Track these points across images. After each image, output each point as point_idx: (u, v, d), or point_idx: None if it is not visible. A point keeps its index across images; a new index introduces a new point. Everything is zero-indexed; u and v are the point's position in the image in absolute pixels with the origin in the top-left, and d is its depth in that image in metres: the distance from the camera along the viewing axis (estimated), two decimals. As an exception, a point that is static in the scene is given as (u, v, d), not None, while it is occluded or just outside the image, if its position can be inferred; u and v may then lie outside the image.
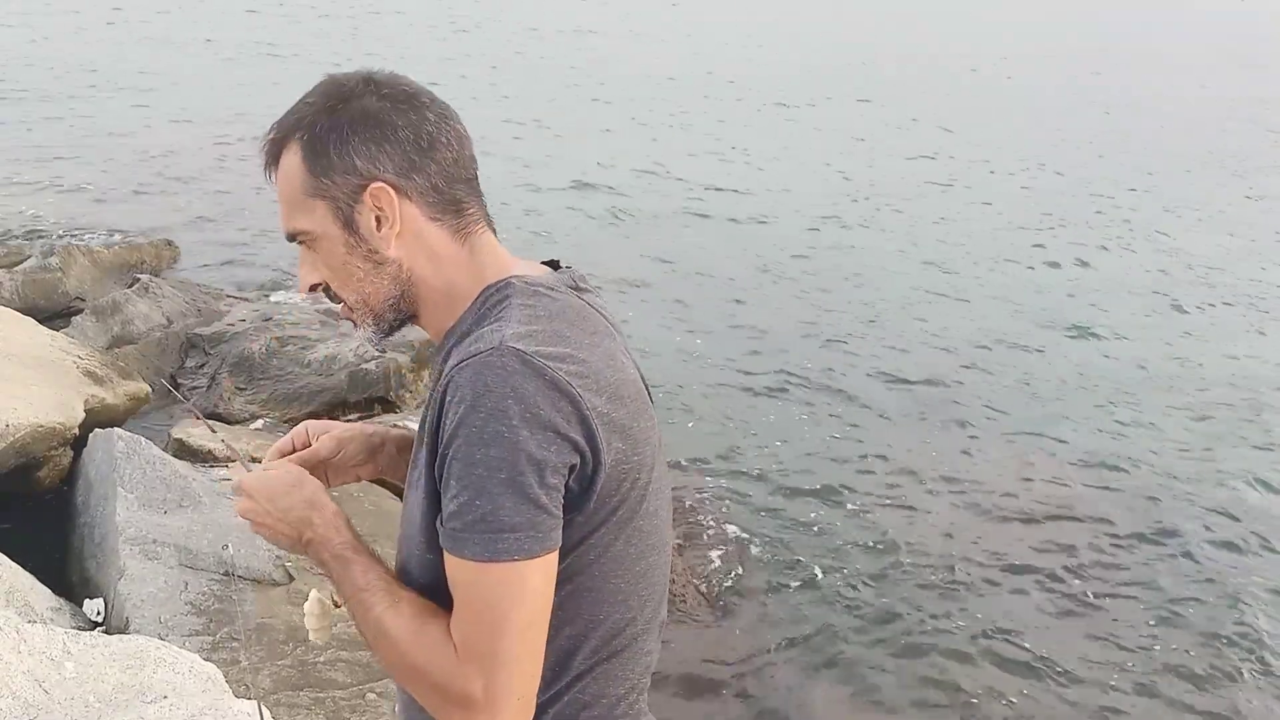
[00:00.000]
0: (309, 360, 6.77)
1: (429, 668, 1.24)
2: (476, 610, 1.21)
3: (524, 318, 1.26)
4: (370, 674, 3.67)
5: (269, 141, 1.34)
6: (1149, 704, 4.84)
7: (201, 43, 21.09)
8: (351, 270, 1.33)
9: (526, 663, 1.22)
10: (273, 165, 1.34)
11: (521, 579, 1.20)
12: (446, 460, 1.21)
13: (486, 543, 1.18)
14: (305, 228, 1.33)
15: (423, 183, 1.31)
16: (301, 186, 1.31)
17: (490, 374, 1.19)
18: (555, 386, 1.20)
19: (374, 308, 1.35)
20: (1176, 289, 10.49)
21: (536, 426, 1.18)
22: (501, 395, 1.18)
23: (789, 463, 6.72)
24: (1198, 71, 27.06)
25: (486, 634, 1.21)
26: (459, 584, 1.22)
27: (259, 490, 1.38)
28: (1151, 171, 15.49)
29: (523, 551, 1.19)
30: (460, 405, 1.19)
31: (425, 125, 1.31)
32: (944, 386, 7.92)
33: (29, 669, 2.67)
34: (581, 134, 15.53)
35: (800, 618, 5.23)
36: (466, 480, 1.18)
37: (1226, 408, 7.87)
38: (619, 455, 1.26)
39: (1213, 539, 6.17)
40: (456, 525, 1.20)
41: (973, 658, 5.03)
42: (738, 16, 33.29)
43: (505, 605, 1.20)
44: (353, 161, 1.29)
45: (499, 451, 1.17)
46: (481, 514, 1.18)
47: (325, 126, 1.29)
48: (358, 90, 1.31)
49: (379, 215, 1.30)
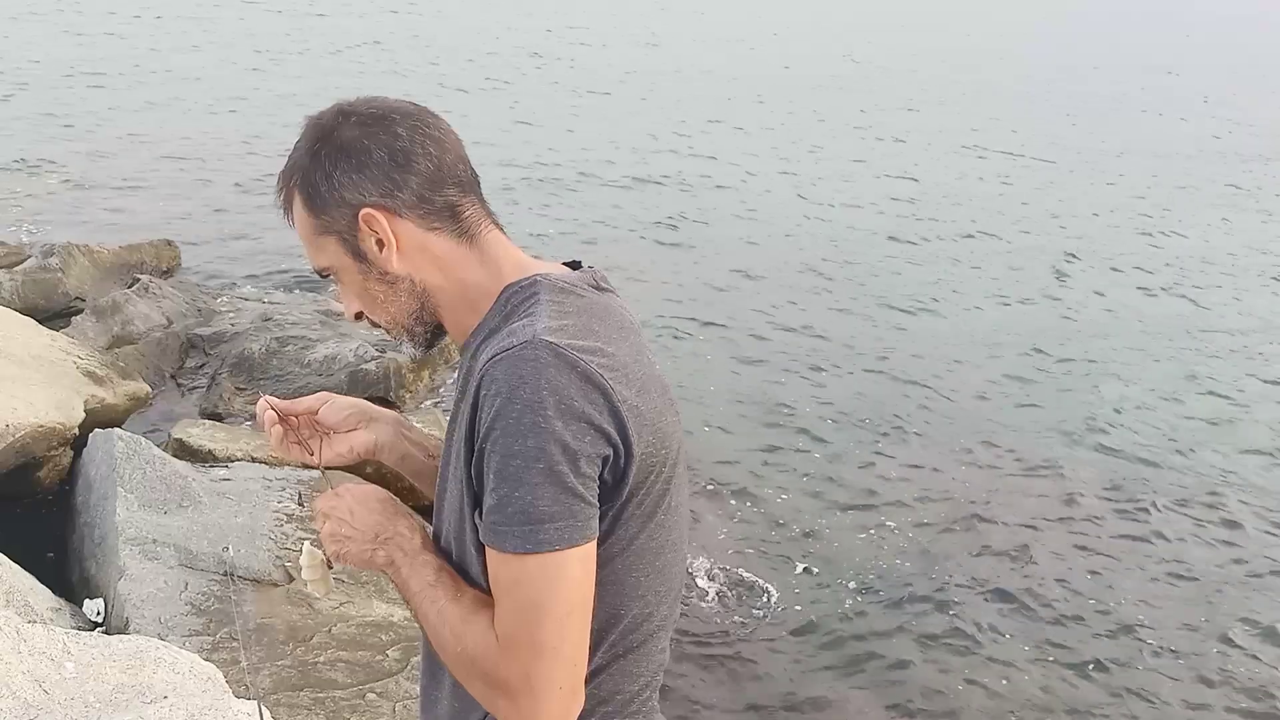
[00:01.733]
0: (309, 360, 6.77)
1: (476, 655, 1.27)
2: (517, 600, 1.24)
3: (554, 313, 1.29)
4: (370, 674, 3.68)
5: (278, 193, 1.42)
6: (1155, 704, 4.84)
7: (202, 43, 21.10)
8: (373, 294, 1.40)
9: (568, 651, 1.24)
10: (288, 212, 1.42)
11: (560, 568, 1.22)
12: (484, 454, 1.24)
13: (526, 534, 1.21)
14: (325, 264, 1.41)
15: (408, 197, 1.35)
16: (311, 228, 1.39)
17: (524, 367, 1.22)
18: (588, 379, 1.23)
19: (403, 324, 1.41)
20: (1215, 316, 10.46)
21: (571, 417, 1.21)
22: (536, 387, 1.20)
23: (797, 466, 6.72)
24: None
25: (527, 624, 1.23)
26: (499, 576, 1.25)
27: (335, 509, 1.41)
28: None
29: (562, 541, 1.22)
30: (496, 399, 1.22)
31: (398, 142, 1.34)
32: (955, 397, 7.92)
33: (29, 669, 2.66)
34: (606, 133, 15.53)
35: (803, 616, 5.24)
36: (505, 473, 1.21)
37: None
38: (648, 448, 1.29)
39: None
40: (496, 519, 1.23)
41: (982, 660, 5.04)
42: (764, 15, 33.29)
43: (545, 595, 1.22)
44: (341, 195, 1.35)
45: (535, 442, 1.20)
46: (520, 506, 1.21)
47: (312, 168, 1.36)
48: (332, 124, 1.37)
49: (377, 238, 1.36)
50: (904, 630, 5.21)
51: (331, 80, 17.15)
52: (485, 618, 1.27)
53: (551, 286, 1.33)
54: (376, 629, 3.96)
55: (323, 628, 3.87)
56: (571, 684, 1.26)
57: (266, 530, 4.47)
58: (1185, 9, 47.15)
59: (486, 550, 1.26)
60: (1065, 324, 9.40)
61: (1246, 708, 4.87)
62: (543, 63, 21.63)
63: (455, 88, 17.80)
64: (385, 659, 3.79)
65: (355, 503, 1.40)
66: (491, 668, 1.25)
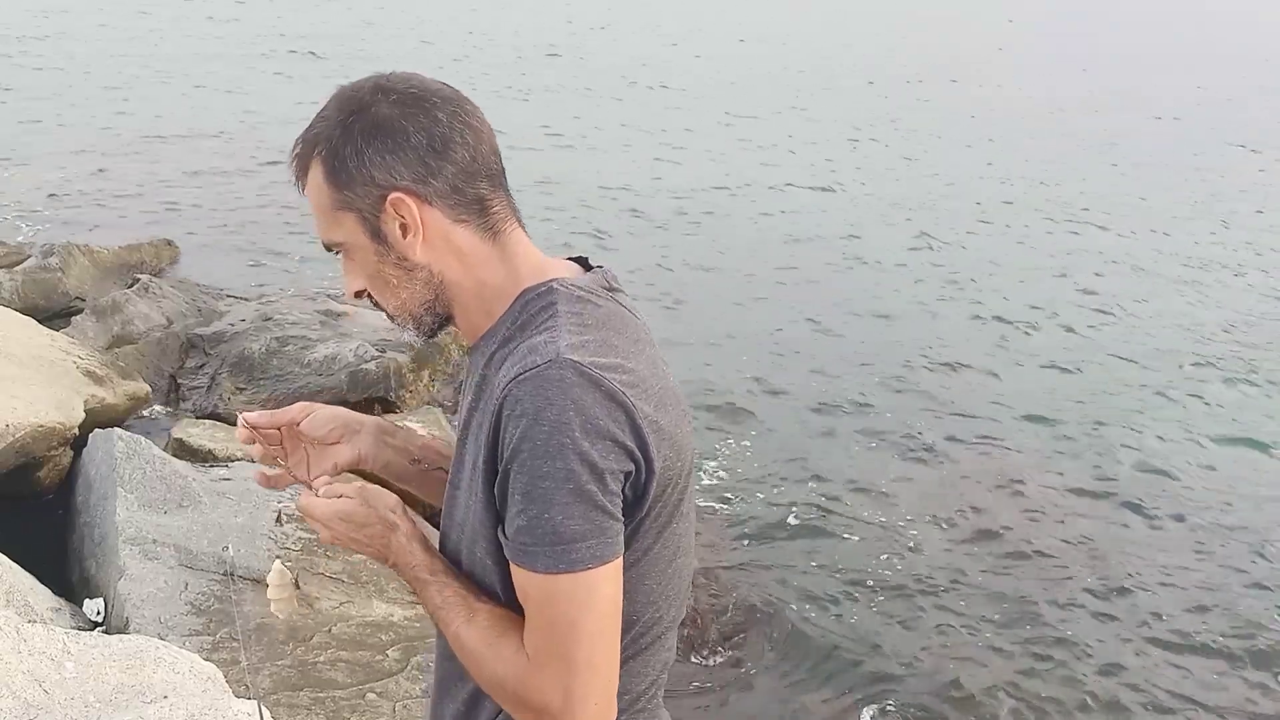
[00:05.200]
0: (309, 360, 6.77)
1: (506, 678, 1.27)
2: (549, 619, 1.23)
3: (574, 327, 1.28)
4: (370, 674, 3.67)
5: (295, 157, 1.36)
6: (1163, 701, 4.84)
7: (204, 43, 21.09)
8: (385, 277, 1.35)
9: (602, 668, 1.24)
10: (302, 179, 1.36)
11: (591, 587, 1.22)
12: (509, 475, 1.23)
13: (559, 554, 1.21)
14: (338, 239, 1.36)
15: (441, 186, 1.30)
16: (329, 201, 1.33)
17: (550, 388, 1.21)
18: (611, 397, 1.22)
19: (411, 312, 1.37)
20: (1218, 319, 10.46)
21: (597, 436, 1.20)
22: (562, 408, 1.20)
23: (799, 465, 6.72)
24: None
25: (559, 642, 1.23)
26: (530, 596, 1.25)
27: (331, 518, 1.38)
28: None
29: (594, 559, 1.22)
30: (521, 420, 1.21)
31: (437, 127, 1.30)
32: (958, 402, 7.92)
33: (29, 669, 2.66)
34: (621, 142, 15.53)
35: (803, 616, 5.24)
36: (533, 494, 1.21)
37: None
38: (666, 461, 1.28)
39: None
40: (526, 540, 1.22)
41: (981, 660, 5.04)
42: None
43: (577, 613, 1.22)
44: (370, 173, 1.29)
45: (563, 464, 1.19)
46: (551, 527, 1.20)
47: (341, 140, 1.30)
48: (369, 99, 1.31)
49: (402, 223, 1.31)
50: (904, 631, 5.21)
51: (332, 80, 17.12)
52: (512, 640, 1.27)
53: (568, 296, 1.31)
54: (376, 629, 3.96)
55: (323, 628, 3.87)
56: (606, 699, 1.26)
57: (266, 530, 4.46)
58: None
59: (514, 568, 1.25)
60: (1068, 324, 9.39)
61: (1248, 707, 4.87)
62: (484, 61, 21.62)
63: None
64: (385, 659, 3.79)
65: (354, 511, 1.37)
66: (523, 689, 1.25)
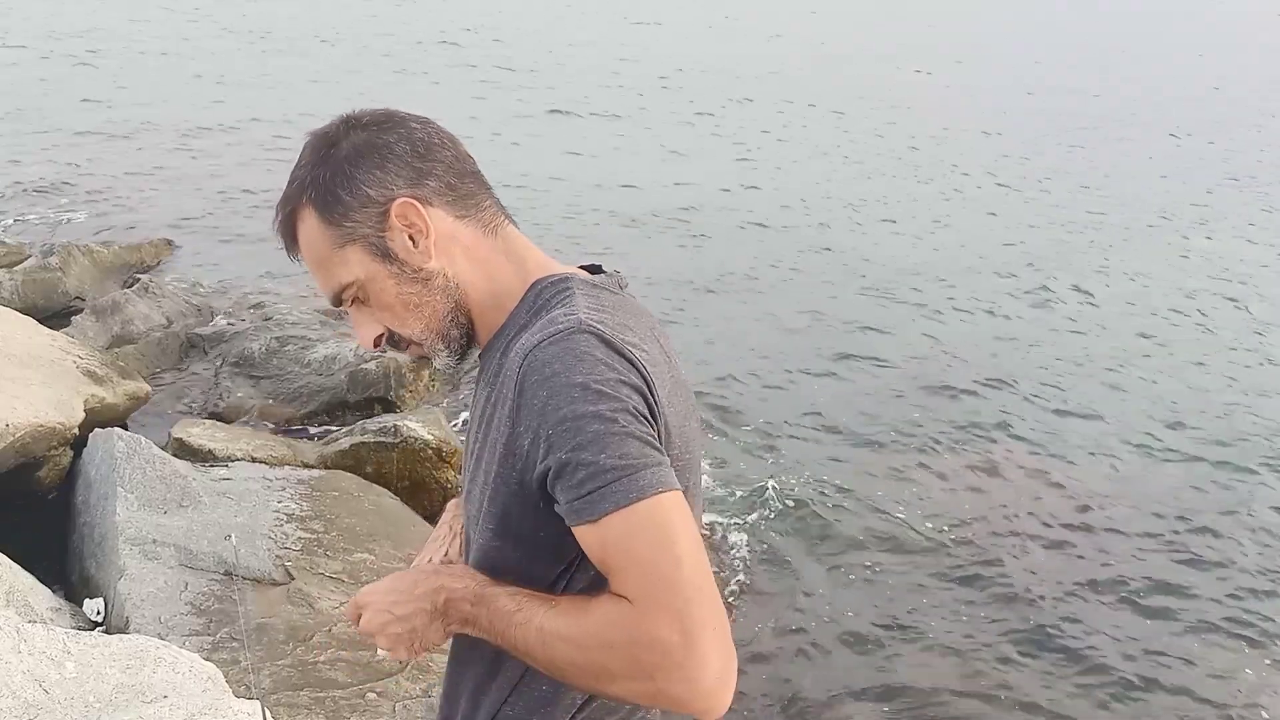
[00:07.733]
0: (309, 360, 6.77)
1: (612, 638, 1.16)
2: (640, 555, 1.16)
3: (592, 305, 1.28)
4: (370, 674, 3.67)
5: (280, 223, 1.34)
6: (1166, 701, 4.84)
7: (203, 41, 21.09)
8: (406, 300, 1.33)
9: (707, 591, 1.16)
10: (293, 243, 1.35)
11: (668, 510, 1.17)
12: (548, 439, 1.18)
13: (626, 487, 1.15)
14: (347, 280, 1.33)
15: (437, 185, 1.32)
16: (328, 242, 1.32)
17: (577, 348, 1.20)
18: (634, 367, 1.21)
19: (438, 329, 1.35)
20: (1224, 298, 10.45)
21: (630, 389, 1.19)
22: (592, 365, 1.19)
23: (802, 465, 6.72)
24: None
25: (660, 572, 1.15)
26: (610, 542, 1.17)
27: (375, 593, 1.33)
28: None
29: (661, 485, 1.17)
30: (553, 378, 1.18)
31: (415, 134, 1.33)
32: (968, 395, 7.92)
33: (29, 669, 2.66)
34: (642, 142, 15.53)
35: (802, 615, 5.24)
36: (582, 442, 1.16)
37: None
38: (675, 450, 1.27)
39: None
40: (590, 487, 1.16)
41: (981, 660, 5.04)
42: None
43: (666, 537, 1.16)
44: (366, 193, 1.30)
45: (608, 405, 1.17)
46: (609, 464, 1.15)
47: (328, 176, 1.30)
48: (340, 132, 1.33)
49: (411, 232, 1.31)
50: (904, 630, 5.21)
51: (336, 80, 17.14)
52: (602, 600, 1.18)
53: (584, 284, 1.32)
54: (376, 629, 3.94)
55: (323, 627, 3.86)
56: (721, 622, 1.16)
57: (266, 530, 4.46)
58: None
59: (584, 530, 1.18)
60: (1073, 325, 9.39)
61: (1248, 708, 4.87)
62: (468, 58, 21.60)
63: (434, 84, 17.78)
64: (385, 659, 3.78)
65: (395, 579, 1.33)
66: (635, 638, 1.14)
